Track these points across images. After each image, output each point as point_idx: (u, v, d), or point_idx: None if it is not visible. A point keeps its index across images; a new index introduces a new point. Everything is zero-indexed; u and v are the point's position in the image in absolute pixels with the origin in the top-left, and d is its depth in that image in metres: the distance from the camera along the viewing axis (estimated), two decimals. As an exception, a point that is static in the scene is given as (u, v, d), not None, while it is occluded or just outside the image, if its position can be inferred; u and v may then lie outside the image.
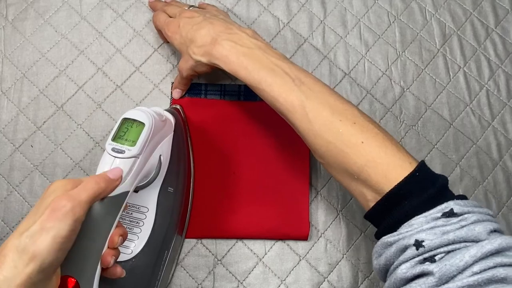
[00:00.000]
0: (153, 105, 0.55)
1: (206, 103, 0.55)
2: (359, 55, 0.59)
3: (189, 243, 0.52)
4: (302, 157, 0.54)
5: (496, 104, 0.58)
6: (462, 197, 0.37)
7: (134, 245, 0.44)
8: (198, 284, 0.51)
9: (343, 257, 0.52)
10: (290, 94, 0.41)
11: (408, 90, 0.58)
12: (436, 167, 0.56)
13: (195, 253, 0.52)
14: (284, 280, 0.51)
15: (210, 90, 0.56)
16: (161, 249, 0.45)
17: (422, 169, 0.37)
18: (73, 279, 0.33)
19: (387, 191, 0.37)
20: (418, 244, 0.33)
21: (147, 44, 0.58)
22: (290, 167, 0.54)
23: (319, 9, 0.60)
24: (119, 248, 0.37)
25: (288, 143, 0.54)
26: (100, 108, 0.55)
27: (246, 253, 0.52)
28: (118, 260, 0.38)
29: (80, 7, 0.59)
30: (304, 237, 0.52)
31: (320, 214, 0.53)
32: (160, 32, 0.55)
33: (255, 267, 0.52)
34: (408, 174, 0.36)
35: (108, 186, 0.35)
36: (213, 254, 0.52)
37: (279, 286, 0.51)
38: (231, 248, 0.52)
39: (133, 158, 0.39)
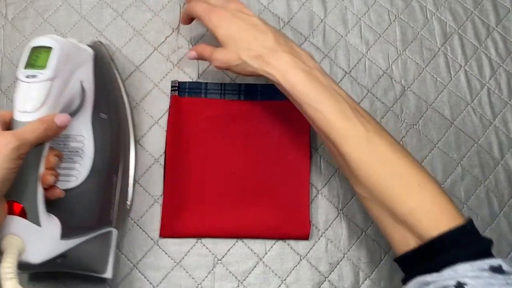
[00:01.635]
0: (154, 105, 0.55)
1: (206, 103, 0.55)
2: (359, 54, 0.59)
3: (188, 242, 0.52)
4: (303, 157, 0.54)
5: (497, 103, 0.58)
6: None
7: (78, 172, 0.45)
8: (198, 284, 0.50)
9: (344, 256, 0.52)
10: (348, 121, 0.40)
11: (409, 89, 0.58)
12: (437, 166, 0.55)
13: (195, 252, 0.51)
14: (285, 280, 0.51)
15: (210, 89, 0.55)
16: (108, 173, 0.47)
17: (471, 224, 0.37)
18: (19, 204, 0.36)
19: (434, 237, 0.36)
20: (459, 286, 0.32)
21: (147, 43, 0.58)
22: (290, 166, 0.53)
23: (320, 8, 0.60)
24: (64, 177, 0.43)
25: (289, 142, 0.54)
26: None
27: (246, 252, 0.52)
28: (66, 188, 0.43)
29: (80, 6, 0.59)
30: (305, 237, 0.52)
31: (320, 214, 0.53)
32: (186, 17, 0.52)
33: (255, 266, 0.51)
34: (459, 225, 0.36)
35: (53, 133, 0.38)
36: (213, 254, 0.51)
37: (279, 286, 0.51)
38: (231, 247, 0.52)
39: (49, 81, 0.39)
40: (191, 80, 0.56)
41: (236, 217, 0.52)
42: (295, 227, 0.51)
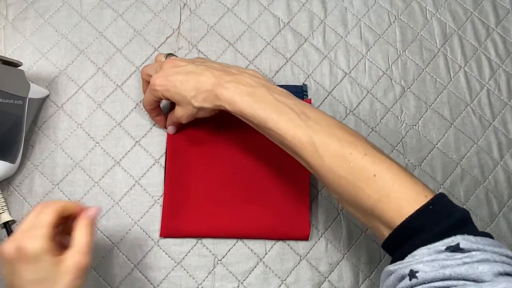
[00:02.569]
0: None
1: None
2: (359, 55, 0.59)
3: (189, 243, 0.52)
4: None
5: (497, 103, 0.58)
6: (485, 234, 0.35)
7: None
8: (199, 284, 0.51)
9: (343, 257, 0.52)
10: (297, 130, 0.40)
11: (408, 89, 0.58)
12: (437, 167, 0.56)
13: (195, 253, 0.51)
14: (285, 280, 0.51)
15: None
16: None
17: (437, 201, 0.36)
18: None
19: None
20: (412, 274, 0.32)
21: (147, 44, 0.58)
22: (290, 167, 0.53)
23: (320, 8, 0.60)
24: None
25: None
26: (100, 108, 0.55)
27: (246, 253, 0.52)
28: None
29: (80, 7, 0.59)
30: (305, 237, 0.52)
31: (320, 214, 0.53)
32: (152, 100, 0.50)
33: (255, 267, 0.51)
34: (420, 207, 0.35)
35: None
36: (213, 254, 0.52)
37: (279, 286, 0.51)
38: (231, 248, 0.52)
39: None
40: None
41: (236, 217, 0.52)
42: (295, 228, 0.52)
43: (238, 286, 0.51)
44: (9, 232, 0.50)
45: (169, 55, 0.51)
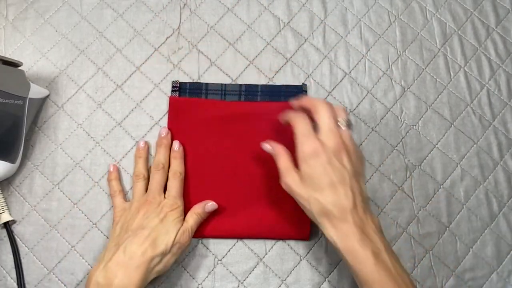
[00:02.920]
0: (154, 106, 0.55)
1: (205, 104, 0.55)
2: (359, 55, 0.59)
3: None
4: None
5: (497, 103, 0.58)
6: None
7: None
8: (199, 284, 0.51)
9: (343, 257, 0.52)
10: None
11: (408, 89, 0.58)
12: (437, 167, 0.56)
13: (196, 253, 0.51)
14: (285, 280, 0.51)
15: (210, 90, 0.56)
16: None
17: None
18: None
19: None
20: None
21: (147, 44, 0.58)
22: None
23: (320, 8, 0.60)
24: None
25: (288, 143, 0.54)
26: (100, 108, 0.55)
27: (246, 253, 0.52)
28: None
29: (80, 7, 0.59)
30: (305, 237, 0.52)
31: (320, 214, 0.53)
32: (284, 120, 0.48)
33: (255, 267, 0.51)
34: None
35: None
36: (213, 254, 0.52)
37: (279, 286, 0.51)
38: (232, 248, 0.52)
39: None
40: (191, 81, 0.56)
41: (236, 217, 0.52)
42: (295, 228, 0.52)
43: (238, 286, 0.51)
44: (9, 232, 0.50)
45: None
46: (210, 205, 0.51)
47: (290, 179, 0.43)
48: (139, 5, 0.59)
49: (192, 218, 0.49)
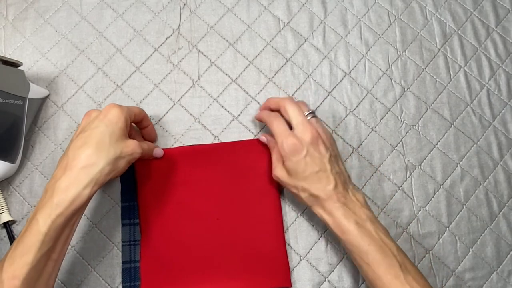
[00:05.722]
0: (154, 106, 0.55)
1: (171, 153, 0.53)
2: (359, 55, 0.59)
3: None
4: (273, 198, 0.52)
5: (496, 103, 0.58)
6: None
7: None
8: None
9: (343, 257, 0.52)
10: (396, 280, 0.41)
11: (408, 89, 0.58)
12: (437, 167, 0.56)
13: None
14: (285, 280, 0.51)
15: None
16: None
17: None
18: None
19: None
20: None
21: (147, 44, 0.58)
22: (262, 210, 0.51)
23: (320, 8, 0.60)
24: None
25: (256, 188, 0.52)
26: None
27: (246, 253, 0.52)
28: None
29: (80, 7, 0.59)
30: (287, 285, 0.50)
31: (320, 214, 0.53)
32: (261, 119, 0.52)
33: (255, 267, 0.51)
34: None
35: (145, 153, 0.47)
36: (213, 254, 0.51)
37: (279, 286, 0.51)
38: (232, 248, 0.52)
39: None
40: (191, 81, 0.56)
41: (215, 271, 0.49)
42: (275, 276, 0.49)
43: (238, 286, 0.51)
44: (9, 232, 0.50)
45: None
46: (159, 150, 0.51)
47: (279, 172, 0.48)
48: (139, 5, 0.59)
49: (139, 147, 0.45)
